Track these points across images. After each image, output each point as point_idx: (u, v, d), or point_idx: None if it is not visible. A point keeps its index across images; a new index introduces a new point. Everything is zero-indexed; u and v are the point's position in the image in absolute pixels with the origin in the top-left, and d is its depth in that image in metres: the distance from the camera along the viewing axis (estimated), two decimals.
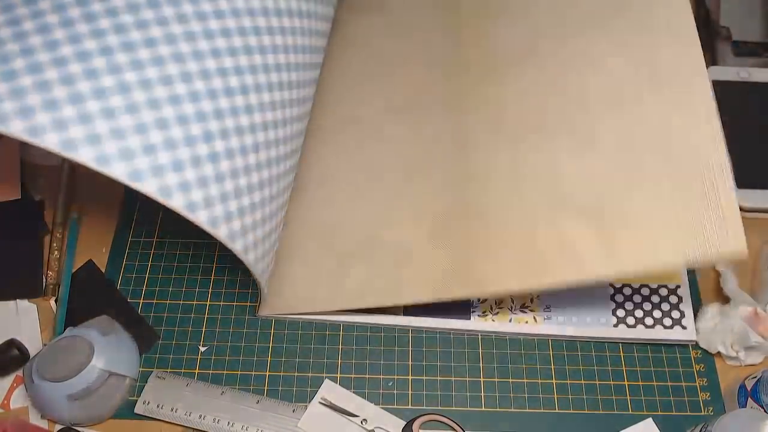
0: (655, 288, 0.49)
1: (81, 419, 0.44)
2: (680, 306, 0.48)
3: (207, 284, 0.51)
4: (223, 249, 0.53)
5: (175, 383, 0.46)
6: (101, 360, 0.44)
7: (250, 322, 0.50)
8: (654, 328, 0.48)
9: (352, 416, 0.46)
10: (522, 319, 0.49)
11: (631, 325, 0.48)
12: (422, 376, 0.48)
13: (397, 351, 0.48)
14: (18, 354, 0.46)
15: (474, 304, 0.49)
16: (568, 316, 0.48)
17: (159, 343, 0.49)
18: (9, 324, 0.49)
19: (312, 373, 0.48)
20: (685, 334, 0.47)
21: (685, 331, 0.47)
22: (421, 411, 0.46)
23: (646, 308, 0.48)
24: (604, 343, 0.49)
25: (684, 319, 0.48)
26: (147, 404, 0.45)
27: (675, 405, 0.47)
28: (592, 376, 0.48)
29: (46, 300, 0.50)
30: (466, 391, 0.47)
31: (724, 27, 0.75)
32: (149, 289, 0.51)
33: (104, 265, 0.52)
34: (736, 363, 0.48)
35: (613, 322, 0.48)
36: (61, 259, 0.51)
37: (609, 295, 0.49)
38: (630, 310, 0.48)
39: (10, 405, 0.46)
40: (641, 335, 0.47)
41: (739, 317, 0.47)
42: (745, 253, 0.38)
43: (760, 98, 0.59)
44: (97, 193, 0.55)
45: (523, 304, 0.49)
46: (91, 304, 0.49)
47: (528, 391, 0.47)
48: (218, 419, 0.45)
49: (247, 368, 0.48)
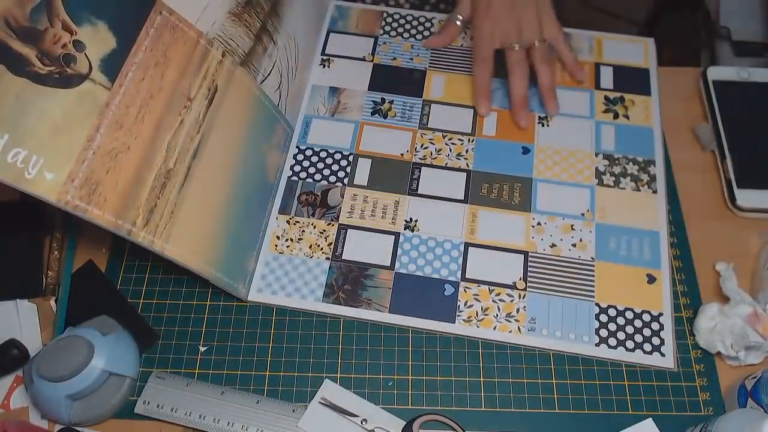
0: (639, 312, 0.49)
1: (81, 419, 0.44)
2: (661, 333, 0.49)
3: (207, 284, 0.51)
4: None
5: (175, 383, 0.46)
6: (101, 360, 0.44)
7: (250, 322, 0.50)
8: (634, 351, 0.48)
9: (352, 416, 0.46)
10: (506, 328, 0.49)
11: (613, 346, 0.48)
12: (422, 376, 0.48)
13: (397, 351, 0.48)
14: (18, 354, 0.46)
15: (460, 308, 0.49)
16: (552, 331, 0.49)
17: (159, 343, 0.49)
18: (9, 324, 0.49)
19: (312, 373, 0.48)
20: (663, 361, 0.48)
21: (664, 358, 0.48)
22: (421, 411, 0.46)
23: (628, 331, 0.49)
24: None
25: (663, 346, 0.48)
26: (147, 404, 0.45)
27: (675, 405, 0.47)
28: (591, 376, 0.48)
29: (46, 300, 0.50)
30: (466, 391, 0.47)
31: (724, 27, 0.75)
32: (149, 289, 0.51)
33: (104, 265, 0.52)
34: (736, 363, 0.48)
35: (595, 341, 0.48)
36: (61, 259, 0.51)
37: (594, 314, 0.49)
38: (613, 332, 0.49)
39: (10, 405, 0.46)
40: (621, 357, 0.48)
41: (739, 317, 0.47)
42: None
43: (760, 98, 0.59)
44: None
45: (508, 314, 0.49)
46: (91, 304, 0.49)
47: (528, 391, 0.47)
48: (218, 419, 0.45)
49: (247, 368, 0.48)
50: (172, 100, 0.43)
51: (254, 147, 0.51)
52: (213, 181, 0.47)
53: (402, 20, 0.65)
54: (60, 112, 0.37)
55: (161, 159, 0.43)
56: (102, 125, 0.39)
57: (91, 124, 0.38)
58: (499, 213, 0.54)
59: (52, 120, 0.36)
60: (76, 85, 0.38)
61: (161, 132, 0.43)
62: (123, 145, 0.40)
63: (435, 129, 0.58)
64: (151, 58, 0.42)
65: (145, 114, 0.42)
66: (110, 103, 0.39)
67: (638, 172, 0.56)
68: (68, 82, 0.37)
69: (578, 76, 0.60)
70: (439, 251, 0.52)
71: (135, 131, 0.41)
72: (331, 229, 0.53)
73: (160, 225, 0.42)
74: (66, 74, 0.37)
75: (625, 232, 0.53)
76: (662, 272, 0.51)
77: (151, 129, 0.42)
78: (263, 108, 0.53)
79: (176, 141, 0.44)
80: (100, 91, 0.39)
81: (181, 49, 0.44)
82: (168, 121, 0.43)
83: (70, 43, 0.38)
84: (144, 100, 0.41)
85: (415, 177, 0.55)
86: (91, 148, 0.38)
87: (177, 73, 0.44)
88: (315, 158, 0.56)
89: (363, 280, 0.51)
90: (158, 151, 0.42)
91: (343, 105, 0.59)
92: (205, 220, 0.46)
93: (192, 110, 0.45)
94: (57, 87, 0.37)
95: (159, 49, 0.43)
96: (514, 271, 0.51)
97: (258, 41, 0.52)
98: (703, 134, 0.58)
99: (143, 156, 0.41)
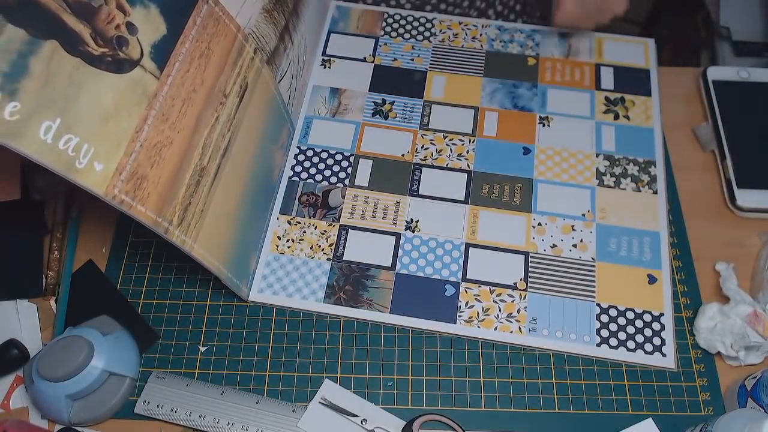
0: (640, 313, 0.49)
1: (81, 419, 0.44)
2: (662, 333, 0.49)
3: (207, 284, 0.51)
4: None
5: (175, 383, 0.46)
6: (101, 360, 0.44)
7: (250, 322, 0.50)
8: (635, 352, 0.48)
9: (352, 416, 0.45)
10: (507, 328, 0.49)
11: (614, 346, 0.48)
12: (422, 376, 0.48)
13: (397, 351, 0.48)
14: (18, 354, 0.46)
15: (461, 309, 0.49)
16: (553, 331, 0.49)
17: (159, 343, 0.49)
18: (9, 324, 0.49)
19: (312, 373, 0.48)
20: (664, 361, 0.48)
21: (665, 359, 0.48)
22: (421, 411, 0.46)
23: (629, 331, 0.49)
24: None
25: (664, 347, 0.48)
26: (147, 404, 0.45)
27: (675, 405, 0.47)
28: (591, 376, 0.48)
29: (46, 300, 0.50)
30: (466, 391, 0.47)
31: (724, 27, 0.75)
32: (149, 289, 0.51)
33: (104, 265, 0.52)
34: (736, 363, 0.48)
35: (596, 341, 0.48)
36: (61, 259, 0.51)
37: (595, 314, 0.49)
38: (614, 332, 0.49)
39: (10, 405, 0.46)
40: (622, 357, 0.48)
41: (739, 317, 0.47)
42: None
43: (760, 98, 0.59)
44: None
45: (509, 314, 0.49)
46: (91, 304, 0.49)
47: (528, 391, 0.47)
48: (218, 419, 0.45)
49: (247, 368, 0.48)
50: (210, 95, 0.42)
51: (266, 147, 0.51)
52: (234, 181, 0.46)
53: (403, 21, 0.65)
54: (111, 99, 0.34)
55: (198, 156, 0.41)
56: (149, 116, 0.36)
57: (140, 114, 0.36)
58: (499, 213, 0.54)
59: (103, 106, 0.33)
60: (128, 70, 0.35)
61: (200, 128, 0.41)
62: (167, 139, 0.38)
63: (436, 130, 0.58)
64: (196, 49, 0.40)
65: (187, 108, 0.39)
66: (158, 93, 0.37)
67: (639, 173, 0.56)
68: (120, 66, 0.34)
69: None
70: (440, 252, 0.52)
71: (178, 125, 0.39)
72: (332, 230, 0.53)
73: (192, 224, 0.41)
74: (118, 58, 0.34)
75: (625, 233, 0.53)
76: (663, 273, 0.51)
77: (192, 124, 0.40)
78: (277, 108, 0.52)
79: (211, 138, 0.42)
80: (149, 80, 0.36)
81: (221, 43, 0.42)
82: (206, 117, 0.41)
83: (123, 24, 0.35)
84: (188, 93, 0.39)
85: (415, 178, 0.55)
86: (138, 140, 0.36)
87: (217, 67, 0.42)
88: (316, 159, 0.56)
89: (364, 280, 0.51)
90: (196, 147, 0.40)
91: (344, 106, 0.59)
92: (223, 220, 0.45)
93: (226, 107, 0.43)
94: (109, 71, 0.34)
95: (204, 41, 0.40)
96: (515, 271, 0.51)
97: (281, 40, 0.50)
98: (703, 134, 0.58)
99: (184, 152, 0.39)
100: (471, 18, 0.66)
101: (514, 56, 0.62)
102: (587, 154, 0.57)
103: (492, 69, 0.61)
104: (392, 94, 0.60)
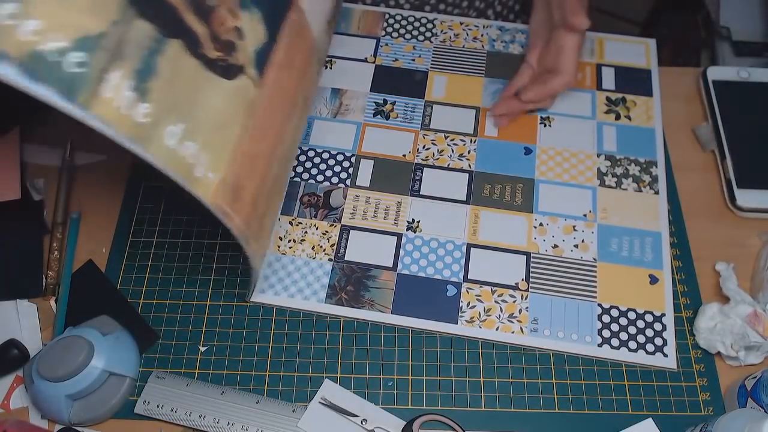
0: (641, 313, 0.49)
1: (81, 419, 0.44)
2: (664, 334, 0.49)
3: (207, 284, 0.51)
4: (222, 249, 0.53)
5: (175, 383, 0.46)
6: (101, 360, 0.44)
7: (250, 322, 0.50)
8: (637, 352, 0.48)
9: (352, 416, 0.45)
10: (508, 329, 0.49)
11: (615, 346, 0.48)
12: (422, 376, 0.48)
13: (397, 351, 0.48)
14: (18, 354, 0.46)
15: (462, 309, 0.49)
16: (555, 331, 0.49)
17: (159, 343, 0.48)
18: (9, 324, 0.48)
19: (312, 373, 0.48)
20: (666, 362, 0.48)
21: (666, 359, 0.48)
22: (421, 411, 0.46)
23: (631, 332, 0.49)
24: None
25: (666, 347, 0.48)
26: (147, 404, 0.45)
27: (675, 405, 0.47)
28: (592, 376, 0.48)
29: (46, 300, 0.50)
30: (466, 391, 0.47)
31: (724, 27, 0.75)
32: (149, 289, 0.51)
33: (104, 265, 0.52)
34: (736, 363, 0.48)
35: (598, 342, 0.48)
36: (61, 259, 0.51)
37: (597, 314, 0.49)
38: (615, 332, 0.49)
39: (10, 405, 0.46)
40: (624, 358, 0.48)
41: (739, 317, 0.47)
42: None
43: (760, 98, 0.59)
44: (97, 193, 0.54)
45: (511, 314, 0.49)
46: (91, 304, 0.49)
47: (528, 391, 0.47)
48: (218, 419, 0.45)
49: (247, 368, 0.48)
50: (289, 107, 0.39)
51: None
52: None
53: (404, 21, 0.65)
54: (222, 106, 0.32)
55: (276, 168, 0.39)
56: (249, 125, 0.34)
57: (242, 123, 0.34)
58: (501, 214, 0.54)
59: (217, 113, 0.32)
60: (234, 77, 0.33)
61: (281, 140, 0.39)
62: (260, 150, 0.36)
63: (437, 130, 0.58)
64: (284, 59, 0.38)
65: (274, 119, 0.37)
66: (257, 102, 0.35)
67: (640, 173, 0.56)
68: (228, 72, 0.32)
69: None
70: (442, 252, 0.52)
71: (267, 136, 0.37)
72: (333, 231, 0.53)
73: (263, 235, 0.39)
74: (228, 63, 0.32)
75: (627, 233, 0.53)
76: (664, 273, 0.51)
77: (275, 135, 0.38)
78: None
79: (283, 150, 0.40)
80: (250, 88, 0.34)
81: (300, 55, 0.40)
82: (284, 129, 0.39)
83: (233, 29, 0.33)
84: (275, 105, 0.37)
85: (417, 178, 0.55)
86: (240, 149, 0.34)
87: (296, 79, 0.39)
88: (317, 159, 0.56)
89: (365, 281, 0.51)
90: (276, 159, 0.38)
91: (345, 106, 0.59)
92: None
93: (295, 119, 0.41)
94: (222, 76, 0.32)
95: (290, 52, 0.38)
96: (517, 271, 0.51)
97: (325, 49, 0.48)
98: (703, 134, 0.59)
99: (269, 164, 0.37)
100: (472, 18, 0.66)
101: (515, 56, 0.62)
102: (588, 155, 0.57)
103: (493, 69, 0.61)
104: (393, 95, 0.60)
